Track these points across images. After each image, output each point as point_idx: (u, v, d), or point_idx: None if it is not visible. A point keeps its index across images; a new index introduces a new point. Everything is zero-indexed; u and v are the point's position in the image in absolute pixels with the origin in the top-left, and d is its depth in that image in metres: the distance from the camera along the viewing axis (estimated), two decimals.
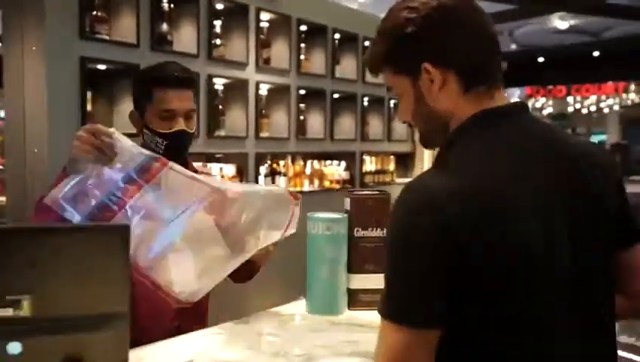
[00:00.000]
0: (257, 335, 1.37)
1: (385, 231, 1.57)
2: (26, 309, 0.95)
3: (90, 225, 1.11)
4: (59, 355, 0.97)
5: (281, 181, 3.81)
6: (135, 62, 2.84)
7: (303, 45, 3.96)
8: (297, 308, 1.58)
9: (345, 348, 1.31)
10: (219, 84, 3.40)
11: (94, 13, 2.73)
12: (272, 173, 3.78)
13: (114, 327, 1.01)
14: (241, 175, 3.53)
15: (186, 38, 3.18)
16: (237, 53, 3.47)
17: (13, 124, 2.70)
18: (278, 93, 3.81)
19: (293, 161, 3.97)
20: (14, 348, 0.94)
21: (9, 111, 2.76)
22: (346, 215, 1.57)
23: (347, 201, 1.60)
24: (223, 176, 3.44)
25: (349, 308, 1.58)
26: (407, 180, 5.07)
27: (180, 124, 1.58)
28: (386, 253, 0.91)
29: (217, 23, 3.36)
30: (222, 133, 3.40)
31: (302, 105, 4.02)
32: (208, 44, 3.25)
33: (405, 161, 5.20)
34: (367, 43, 4.56)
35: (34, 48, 2.60)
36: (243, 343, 1.32)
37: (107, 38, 2.77)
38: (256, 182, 3.61)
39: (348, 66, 4.40)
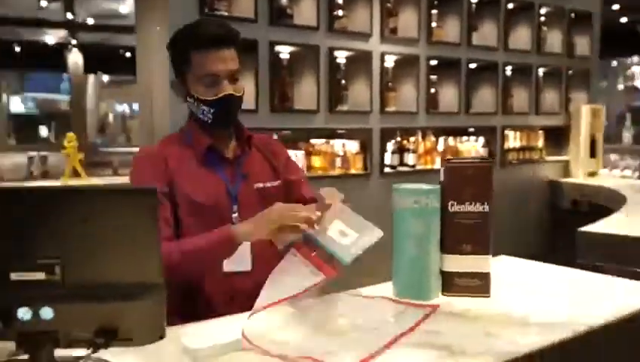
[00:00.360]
0: (326, 317, 1.23)
1: (486, 205, 1.34)
2: (58, 274, 0.92)
3: (117, 187, 1.07)
4: (93, 324, 0.93)
5: (409, 158, 3.61)
6: (252, 37, 2.83)
7: (434, 12, 3.69)
8: (384, 290, 1.42)
9: (423, 338, 1.12)
10: (341, 57, 3.28)
11: None
12: (400, 150, 3.59)
13: (149, 299, 0.94)
14: (365, 151, 3.39)
15: (306, 10, 3.11)
16: (360, 24, 3.32)
17: (143, 111, 2.86)
18: (406, 64, 3.59)
19: (423, 137, 3.74)
20: (46, 313, 0.91)
21: (141, 99, 2.92)
22: (438, 186, 1.36)
23: (442, 171, 1.39)
24: (345, 153, 3.33)
25: (442, 293, 1.38)
26: (560, 158, 4.58)
27: (226, 88, 1.44)
28: None
29: None
30: (344, 107, 3.29)
31: (433, 77, 3.76)
32: (329, 15, 3.15)
33: (557, 137, 4.66)
34: (510, 5, 4.14)
35: (158, 28, 2.70)
36: (305, 324, 1.19)
37: (226, 14, 2.79)
38: (382, 159, 3.45)
39: (487, 32, 4.03)
